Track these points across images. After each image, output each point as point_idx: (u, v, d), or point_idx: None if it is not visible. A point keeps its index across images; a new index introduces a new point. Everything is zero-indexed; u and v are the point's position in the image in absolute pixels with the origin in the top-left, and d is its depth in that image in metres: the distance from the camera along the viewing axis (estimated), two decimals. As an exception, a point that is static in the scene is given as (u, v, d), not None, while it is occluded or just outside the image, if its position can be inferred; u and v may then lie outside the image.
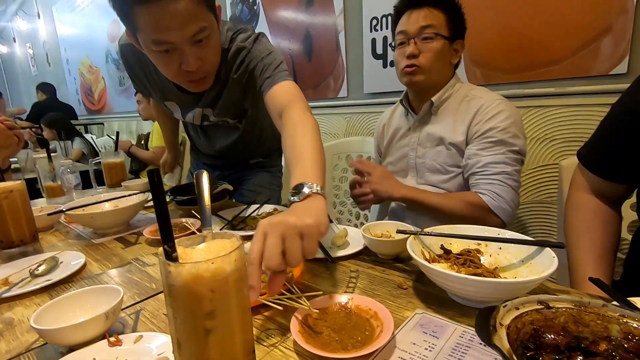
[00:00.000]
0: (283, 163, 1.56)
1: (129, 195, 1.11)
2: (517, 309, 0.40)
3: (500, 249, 0.64)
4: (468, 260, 0.62)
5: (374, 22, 1.78)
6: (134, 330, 0.55)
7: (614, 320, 0.38)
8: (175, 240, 0.36)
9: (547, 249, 0.56)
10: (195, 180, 0.50)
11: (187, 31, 0.78)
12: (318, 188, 0.61)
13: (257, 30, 1.03)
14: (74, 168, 1.38)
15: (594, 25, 1.20)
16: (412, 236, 0.65)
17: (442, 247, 0.67)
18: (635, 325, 0.37)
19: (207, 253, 0.38)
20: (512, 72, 1.40)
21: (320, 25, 2.04)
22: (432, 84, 1.05)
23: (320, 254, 0.76)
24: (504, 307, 0.39)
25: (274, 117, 0.91)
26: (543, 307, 0.40)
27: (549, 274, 0.49)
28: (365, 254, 0.78)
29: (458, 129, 1.01)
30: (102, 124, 4.82)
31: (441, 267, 0.60)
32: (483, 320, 0.37)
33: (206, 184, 0.49)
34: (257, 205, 1.09)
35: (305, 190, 0.60)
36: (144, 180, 1.54)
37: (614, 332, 0.37)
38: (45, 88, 4.59)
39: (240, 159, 1.39)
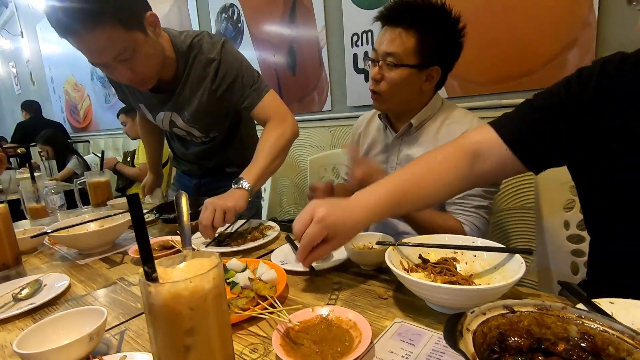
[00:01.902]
0: None
1: (114, 214, 1.11)
2: (484, 314, 0.42)
3: (475, 256, 0.66)
4: (444, 269, 0.65)
5: (355, 38, 1.84)
6: (118, 351, 0.56)
7: (572, 321, 0.40)
8: (156, 261, 0.38)
9: (517, 255, 0.59)
10: (175, 202, 0.52)
11: (108, 54, 0.89)
12: (245, 184, 0.97)
13: (241, 47, 1.08)
14: (58, 188, 1.37)
15: (561, 38, 1.26)
16: (390, 247, 0.68)
17: (420, 257, 0.69)
18: (591, 325, 0.39)
19: (186, 272, 0.39)
20: (488, 84, 1.45)
21: (304, 41, 2.09)
22: (399, 110, 1.03)
23: (304, 267, 0.77)
24: (471, 313, 0.41)
25: (263, 126, 1.12)
26: (508, 311, 0.42)
27: (517, 280, 0.51)
28: (348, 265, 0.80)
29: None
30: (88, 141, 4.77)
31: (418, 277, 0.62)
32: (451, 326, 0.39)
33: (185, 205, 0.51)
34: (244, 221, 1.10)
35: (239, 183, 0.98)
36: (130, 198, 1.54)
37: (573, 333, 0.40)
38: (29, 106, 4.46)
39: (216, 165, 1.40)
